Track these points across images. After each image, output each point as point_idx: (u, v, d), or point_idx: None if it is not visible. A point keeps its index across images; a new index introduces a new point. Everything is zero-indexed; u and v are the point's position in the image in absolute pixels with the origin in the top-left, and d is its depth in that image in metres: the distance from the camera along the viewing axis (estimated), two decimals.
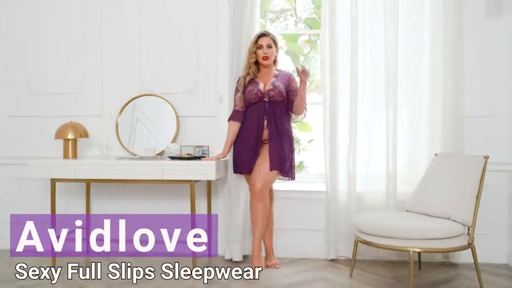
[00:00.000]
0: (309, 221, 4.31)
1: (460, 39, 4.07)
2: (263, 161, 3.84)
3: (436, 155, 3.94)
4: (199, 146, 4.21)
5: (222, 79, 4.33)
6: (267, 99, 3.89)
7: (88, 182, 4.39)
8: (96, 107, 4.52)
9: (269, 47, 3.92)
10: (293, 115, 4.01)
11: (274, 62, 4.02)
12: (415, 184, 3.91)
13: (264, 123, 3.88)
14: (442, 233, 3.33)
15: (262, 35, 3.94)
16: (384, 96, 4.14)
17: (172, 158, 4.01)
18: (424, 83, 4.17)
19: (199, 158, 4.01)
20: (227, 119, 4.04)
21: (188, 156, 4.00)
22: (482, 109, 4.15)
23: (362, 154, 4.19)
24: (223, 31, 4.31)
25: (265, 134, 3.89)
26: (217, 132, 4.25)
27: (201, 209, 4.28)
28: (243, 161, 3.92)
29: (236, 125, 3.96)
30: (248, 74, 3.93)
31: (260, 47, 3.92)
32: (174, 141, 4.36)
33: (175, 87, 4.43)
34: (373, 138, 4.19)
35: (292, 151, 3.94)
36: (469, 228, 3.49)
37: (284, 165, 3.85)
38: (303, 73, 3.76)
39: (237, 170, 4.02)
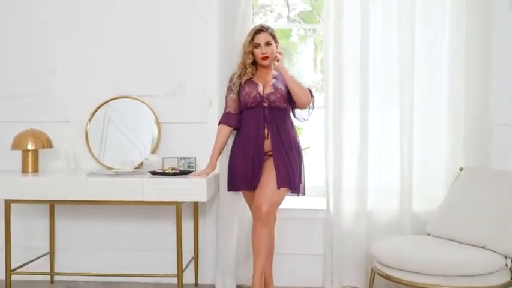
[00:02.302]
0: (308, 244, 3.80)
1: (483, 34, 3.61)
2: (268, 180, 3.27)
3: (461, 169, 3.44)
4: (184, 158, 3.67)
5: (211, 80, 3.78)
6: (266, 104, 3.33)
7: (52, 204, 3.76)
8: (61, 111, 3.90)
9: (268, 44, 3.36)
10: (299, 116, 3.47)
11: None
12: (434, 201, 3.48)
13: (265, 132, 3.33)
14: (480, 268, 2.84)
15: (259, 30, 3.37)
16: (398, 100, 3.69)
17: (154, 173, 3.41)
18: (444, 85, 3.70)
19: (186, 172, 3.42)
20: (217, 123, 3.49)
21: (173, 171, 3.40)
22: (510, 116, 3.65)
23: (372, 165, 3.70)
24: (213, 25, 3.78)
25: (267, 144, 3.33)
26: (206, 141, 3.65)
27: (186, 231, 3.67)
28: (241, 175, 3.35)
29: (227, 130, 3.41)
30: (245, 73, 3.39)
31: (257, 45, 3.36)
32: (154, 151, 3.78)
33: (156, 89, 3.87)
34: (384, 148, 3.72)
35: (301, 163, 3.41)
36: (506, 258, 2.99)
37: (294, 181, 3.30)
38: (279, 55, 3.36)
39: (233, 187, 3.43)
